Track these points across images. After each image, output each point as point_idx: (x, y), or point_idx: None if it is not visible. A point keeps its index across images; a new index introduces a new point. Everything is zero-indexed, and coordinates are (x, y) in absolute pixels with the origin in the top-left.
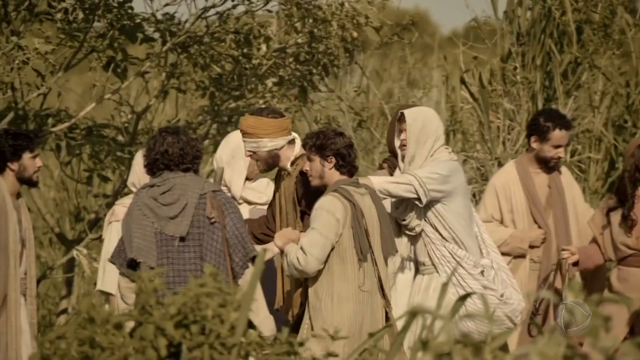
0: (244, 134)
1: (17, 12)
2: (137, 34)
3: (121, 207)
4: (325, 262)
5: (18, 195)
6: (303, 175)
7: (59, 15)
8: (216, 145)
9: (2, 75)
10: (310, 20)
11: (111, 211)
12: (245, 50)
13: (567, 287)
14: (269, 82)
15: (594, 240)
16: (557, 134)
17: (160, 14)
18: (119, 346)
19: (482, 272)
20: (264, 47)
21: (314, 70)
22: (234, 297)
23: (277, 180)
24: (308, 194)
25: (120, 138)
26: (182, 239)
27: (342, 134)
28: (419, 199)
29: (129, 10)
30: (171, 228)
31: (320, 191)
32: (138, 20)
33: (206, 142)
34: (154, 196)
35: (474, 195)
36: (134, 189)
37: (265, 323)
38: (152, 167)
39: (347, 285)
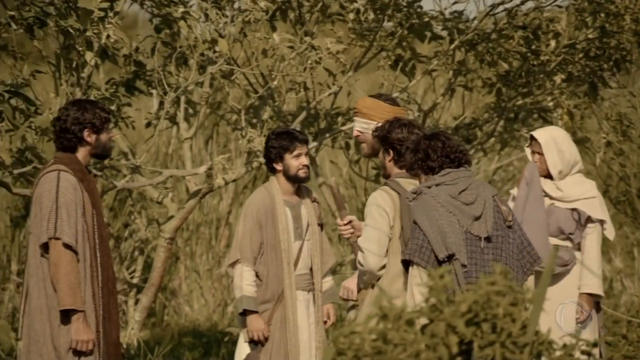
0: (358, 113)
1: (311, 14)
2: (425, 33)
3: None
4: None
5: (298, 193)
6: None
7: (350, 16)
8: (503, 143)
9: (295, 75)
10: (602, 15)
11: None
12: (533, 47)
13: None
14: (558, 79)
15: None
16: None
17: (448, 12)
18: (411, 342)
19: None
20: (552, 43)
21: (605, 66)
22: (525, 296)
23: None
24: None
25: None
26: (487, 239)
27: (407, 125)
28: None
29: (418, 9)
30: (476, 228)
31: None
32: (427, 19)
33: (492, 139)
34: (452, 194)
35: None
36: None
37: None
38: (449, 156)
39: (392, 275)
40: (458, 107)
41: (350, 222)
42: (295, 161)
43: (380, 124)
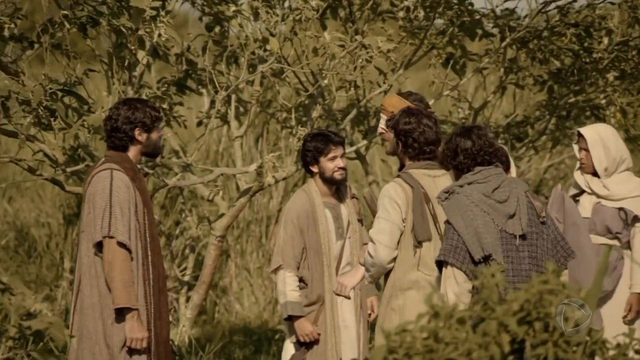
0: (384, 110)
1: (361, 12)
2: (476, 30)
3: None
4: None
5: (337, 192)
6: None
7: (400, 14)
8: (554, 141)
9: (345, 73)
10: None
11: None
12: (585, 44)
13: None
14: (610, 76)
15: None
16: None
17: (499, 10)
18: (462, 341)
19: None
20: (605, 40)
21: None
22: (578, 294)
23: None
24: None
25: None
26: (521, 237)
27: (415, 114)
28: None
29: (469, 7)
30: (511, 226)
31: None
32: (478, 17)
33: (544, 137)
34: (485, 193)
35: None
36: None
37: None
38: (476, 159)
39: (403, 268)
40: (509, 105)
41: None
42: (331, 163)
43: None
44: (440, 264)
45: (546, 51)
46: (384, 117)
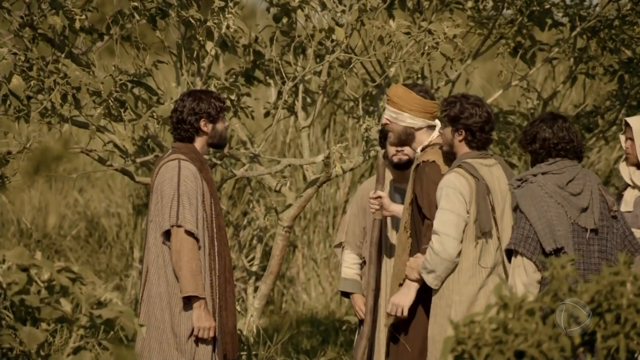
0: (389, 101)
1: (429, 2)
2: (546, 20)
3: None
4: None
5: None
6: (427, 165)
7: (469, 4)
8: None
9: (412, 63)
10: None
11: None
12: None
13: None
14: None
15: None
16: None
17: None
18: (532, 332)
19: None
20: None
21: None
22: None
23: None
24: (428, 186)
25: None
26: (593, 231)
27: (479, 105)
28: None
29: None
30: (583, 219)
31: (434, 183)
32: (547, 6)
33: (614, 128)
34: (560, 185)
35: None
36: None
37: None
38: (551, 152)
39: (466, 262)
40: (579, 94)
41: (379, 197)
42: (393, 147)
43: (448, 102)
44: (510, 253)
45: (617, 40)
46: (389, 108)
